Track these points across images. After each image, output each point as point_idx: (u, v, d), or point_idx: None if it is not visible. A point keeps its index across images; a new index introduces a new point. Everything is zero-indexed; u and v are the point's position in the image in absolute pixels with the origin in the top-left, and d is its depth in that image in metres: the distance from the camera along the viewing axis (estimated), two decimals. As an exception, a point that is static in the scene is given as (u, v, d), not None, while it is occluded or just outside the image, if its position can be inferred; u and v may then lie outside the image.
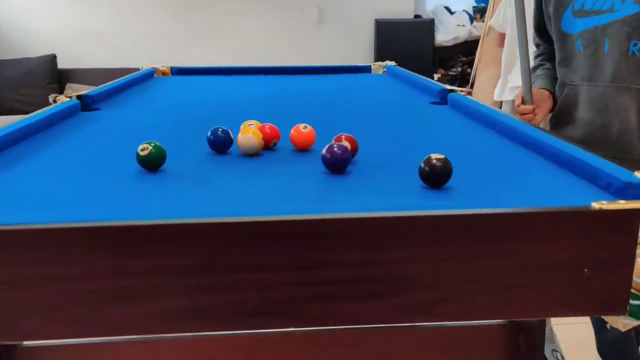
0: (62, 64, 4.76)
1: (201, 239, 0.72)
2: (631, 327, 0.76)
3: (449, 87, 1.85)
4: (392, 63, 2.83)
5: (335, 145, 1.03)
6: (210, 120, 1.55)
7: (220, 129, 1.19)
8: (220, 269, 0.72)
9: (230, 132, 1.20)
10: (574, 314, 0.75)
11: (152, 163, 1.04)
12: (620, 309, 0.74)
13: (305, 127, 1.22)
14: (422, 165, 0.93)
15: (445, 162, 0.93)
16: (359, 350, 1.32)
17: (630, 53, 1.47)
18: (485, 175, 1.02)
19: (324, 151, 1.03)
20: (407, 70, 2.56)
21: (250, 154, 1.18)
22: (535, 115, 1.60)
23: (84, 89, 4.87)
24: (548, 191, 0.91)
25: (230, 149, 1.21)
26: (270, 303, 0.73)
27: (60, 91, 4.69)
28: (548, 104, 1.67)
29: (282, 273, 0.72)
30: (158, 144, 1.05)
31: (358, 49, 5.08)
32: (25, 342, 1.25)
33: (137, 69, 4.88)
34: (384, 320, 0.75)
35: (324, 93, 2.14)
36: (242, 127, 1.27)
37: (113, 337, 1.09)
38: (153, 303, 0.72)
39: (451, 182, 0.94)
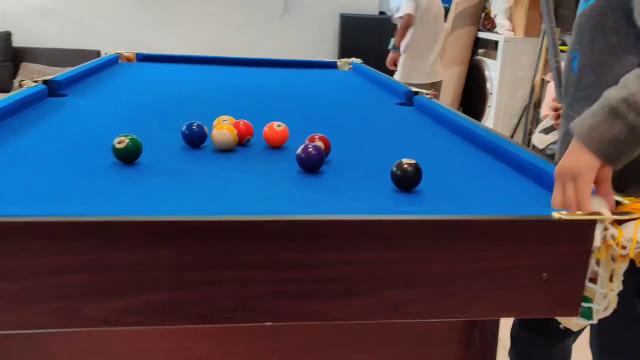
0: (17, 42, 4.61)
1: (181, 236, 0.74)
2: (583, 327, 0.82)
3: (414, 88, 1.90)
4: (358, 60, 2.87)
5: (310, 146, 1.06)
6: (180, 112, 1.55)
7: (195, 124, 1.20)
8: (199, 265, 0.74)
9: (205, 127, 1.21)
10: (532, 314, 0.81)
11: (129, 156, 1.05)
12: (573, 310, 0.80)
13: (279, 125, 1.24)
14: (394, 169, 0.98)
15: (416, 167, 0.97)
16: (311, 340, 1.34)
17: (571, 68, 1.09)
18: (452, 180, 1.07)
19: (299, 151, 1.06)
20: (373, 69, 2.61)
21: (224, 150, 1.20)
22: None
23: (40, 69, 4.73)
24: (510, 198, 0.97)
25: (204, 144, 1.22)
26: (247, 299, 0.76)
27: (15, 70, 4.54)
28: None
29: (259, 271, 0.75)
30: (135, 137, 1.06)
31: (322, 41, 5.11)
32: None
33: (96, 51, 4.79)
34: (358, 318, 0.78)
35: (292, 88, 2.16)
36: (215, 122, 1.28)
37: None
38: (132, 297, 0.73)
39: (420, 186, 0.98)
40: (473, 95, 4.70)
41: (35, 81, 1.67)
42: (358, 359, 1.38)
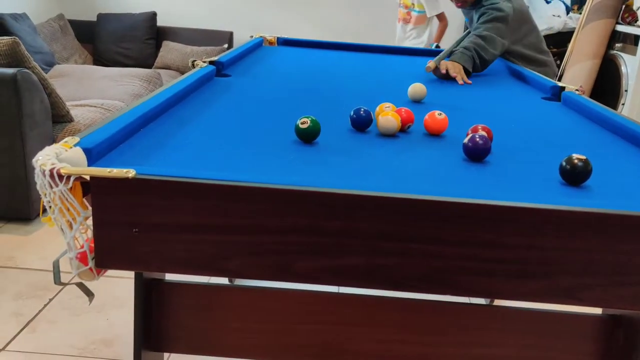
0: (160, 22, 4.98)
1: (381, 210, 0.83)
2: None
3: (560, 84, 1.89)
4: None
5: (477, 136, 1.12)
6: (335, 96, 1.66)
7: (362, 109, 1.30)
8: (395, 237, 0.84)
9: (371, 112, 1.31)
10: None
11: (310, 136, 1.17)
12: None
13: (440, 114, 1.31)
14: (564, 163, 1.02)
15: (587, 163, 1.01)
16: (445, 320, 1.39)
17: None
18: (616, 176, 1.09)
19: (466, 140, 1.13)
20: (509, 60, 2.59)
21: (388, 135, 1.28)
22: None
23: (179, 47, 5.04)
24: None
25: (369, 128, 1.32)
26: (434, 272, 0.84)
27: (157, 47, 4.91)
28: None
29: (447, 247, 0.84)
30: (315, 118, 1.18)
31: (449, 31, 5.06)
32: (168, 277, 1.41)
33: (229, 32, 5.04)
34: (533, 299, 0.85)
35: (430, 76, 2.21)
36: (378, 109, 1.37)
37: (253, 283, 1.24)
38: (335, 259, 0.85)
39: (588, 181, 1.02)
40: (606, 91, 4.48)
41: (204, 61, 1.85)
42: (488, 342, 1.43)
